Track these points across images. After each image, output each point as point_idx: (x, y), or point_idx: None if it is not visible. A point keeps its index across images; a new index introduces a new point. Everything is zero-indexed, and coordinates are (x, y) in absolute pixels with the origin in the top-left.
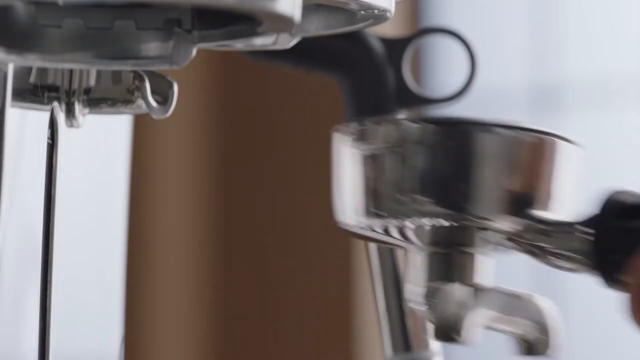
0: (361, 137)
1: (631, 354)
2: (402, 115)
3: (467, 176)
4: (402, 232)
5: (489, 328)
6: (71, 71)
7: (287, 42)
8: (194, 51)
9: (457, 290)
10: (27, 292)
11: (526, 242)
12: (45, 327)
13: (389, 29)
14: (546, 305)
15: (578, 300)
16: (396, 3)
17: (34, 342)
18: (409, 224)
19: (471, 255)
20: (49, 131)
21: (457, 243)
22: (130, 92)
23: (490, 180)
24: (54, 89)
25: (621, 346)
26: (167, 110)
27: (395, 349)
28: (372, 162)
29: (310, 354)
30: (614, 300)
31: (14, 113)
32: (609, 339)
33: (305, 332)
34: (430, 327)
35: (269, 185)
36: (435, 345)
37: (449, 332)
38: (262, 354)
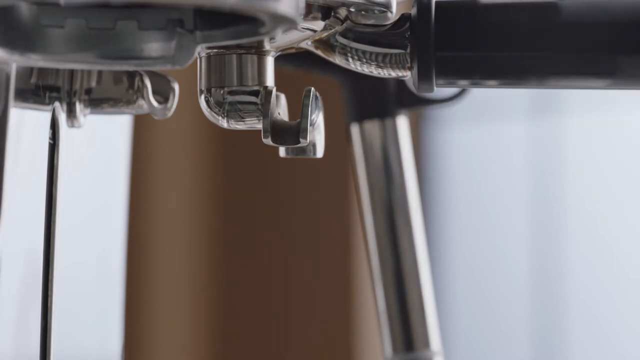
0: None
1: (631, 353)
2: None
3: None
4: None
5: None
6: (72, 71)
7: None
8: (196, 52)
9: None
10: (29, 292)
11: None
12: (47, 327)
13: None
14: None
15: (578, 300)
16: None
17: (36, 342)
18: None
19: (266, 58)
20: (51, 131)
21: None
22: (132, 92)
23: None
24: (55, 89)
25: (621, 346)
26: (168, 111)
27: (395, 348)
28: None
29: (310, 354)
30: (614, 299)
31: (14, 113)
32: (609, 339)
33: (306, 332)
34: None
35: (268, 185)
36: (435, 344)
37: (296, 134)
38: (262, 354)
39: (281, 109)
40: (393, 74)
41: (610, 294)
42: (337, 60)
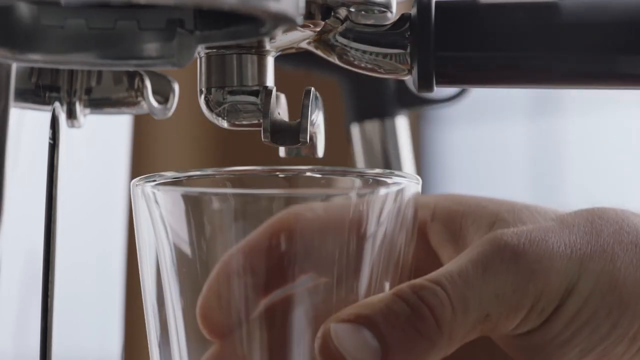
0: None
1: None
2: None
3: None
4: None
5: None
6: (72, 71)
7: None
8: (196, 52)
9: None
10: (29, 292)
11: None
12: (47, 327)
13: None
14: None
15: None
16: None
17: (36, 342)
18: None
19: (266, 57)
20: (51, 131)
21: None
22: (132, 92)
23: None
24: (55, 89)
25: None
26: (168, 111)
27: None
28: None
29: None
30: None
31: (14, 113)
32: None
33: None
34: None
35: None
36: None
37: (296, 134)
38: None
39: (281, 109)
40: (393, 74)
41: None
42: (337, 60)
